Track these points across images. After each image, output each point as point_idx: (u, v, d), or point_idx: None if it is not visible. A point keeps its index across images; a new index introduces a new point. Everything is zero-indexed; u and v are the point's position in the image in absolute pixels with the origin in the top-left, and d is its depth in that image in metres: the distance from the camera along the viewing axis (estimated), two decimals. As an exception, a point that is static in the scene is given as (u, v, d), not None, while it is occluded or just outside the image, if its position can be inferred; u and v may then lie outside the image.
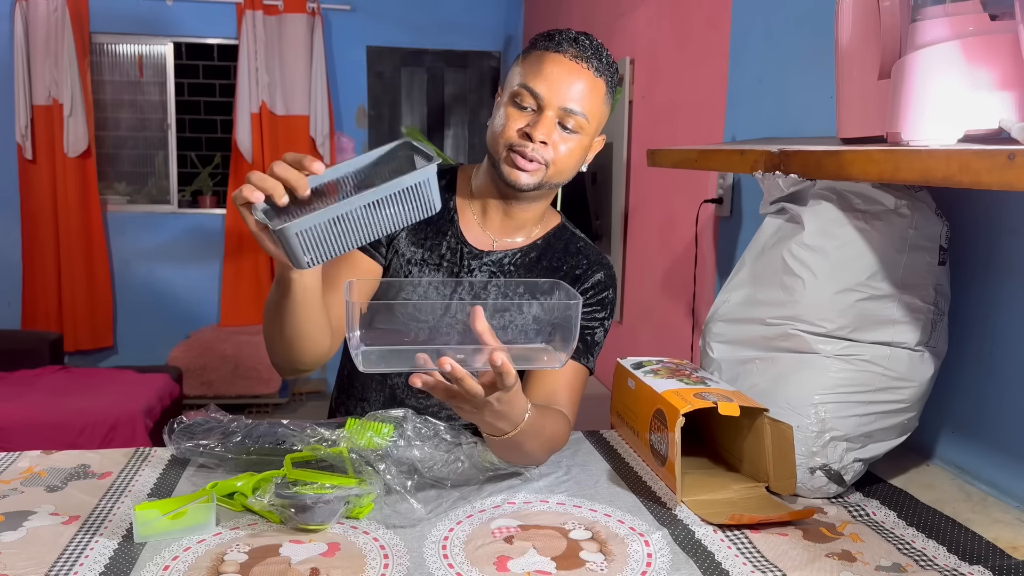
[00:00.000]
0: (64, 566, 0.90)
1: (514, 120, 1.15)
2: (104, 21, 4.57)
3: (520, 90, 1.14)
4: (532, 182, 1.16)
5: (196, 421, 1.24)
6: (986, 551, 0.98)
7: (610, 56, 1.18)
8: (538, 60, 1.15)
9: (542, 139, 1.13)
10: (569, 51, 1.14)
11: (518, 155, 1.14)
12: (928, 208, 1.16)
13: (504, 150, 1.16)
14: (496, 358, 0.87)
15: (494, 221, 1.26)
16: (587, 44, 1.16)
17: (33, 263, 4.58)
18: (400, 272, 1.26)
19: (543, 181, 1.17)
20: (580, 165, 1.20)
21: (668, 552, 0.97)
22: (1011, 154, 0.70)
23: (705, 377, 1.24)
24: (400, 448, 1.11)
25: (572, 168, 1.19)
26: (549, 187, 1.19)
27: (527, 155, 1.14)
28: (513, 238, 1.27)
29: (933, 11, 0.93)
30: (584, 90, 1.14)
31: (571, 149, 1.16)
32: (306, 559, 0.92)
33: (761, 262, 1.27)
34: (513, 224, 1.26)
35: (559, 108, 1.13)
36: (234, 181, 4.67)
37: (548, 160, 1.15)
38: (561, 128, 1.15)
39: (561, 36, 1.16)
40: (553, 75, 1.13)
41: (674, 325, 2.53)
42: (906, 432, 1.18)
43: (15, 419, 3.01)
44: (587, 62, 1.14)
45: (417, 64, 4.97)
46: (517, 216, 1.25)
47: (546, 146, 1.14)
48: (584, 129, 1.16)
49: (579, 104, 1.14)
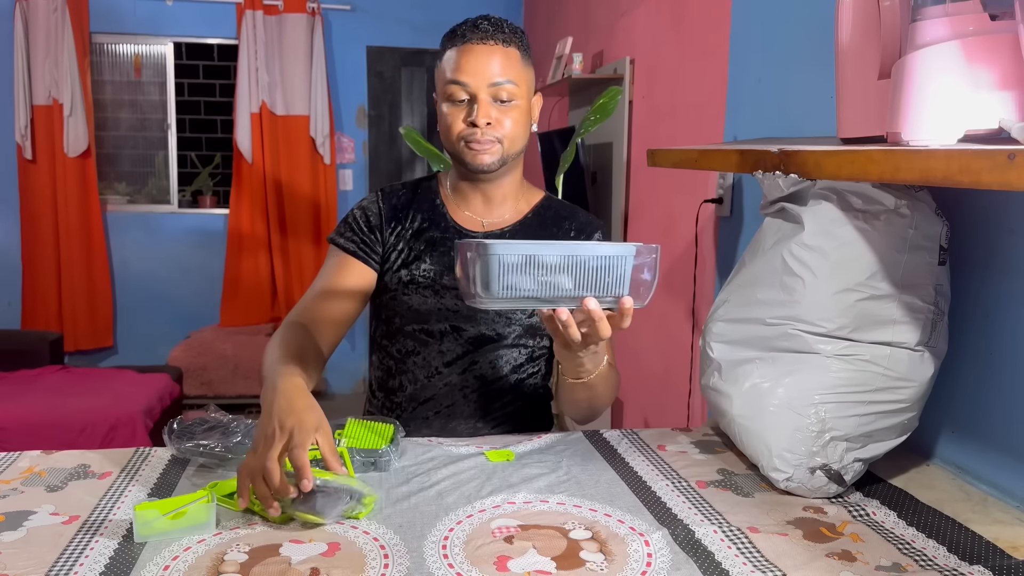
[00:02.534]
0: (64, 566, 0.90)
1: (456, 115, 1.28)
2: (104, 21, 4.57)
3: (449, 87, 1.28)
4: (494, 160, 1.30)
5: (196, 421, 1.24)
6: (986, 551, 0.97)
7: (512, 24, 1.32)
8: (454, 56, 1.28)
9: (486, 121, 1.26)
10: (473, 38, 1.27)
11: (473, 143, 1.28)
12: (928, 208, 1.16)
13: (460, 144, 1.29)
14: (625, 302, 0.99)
15: (476, 205, 1.40)
16: (486, 25, 1.28)
17: (33, 263, 4.58)
18: (400, 267, 1.36)
19: (504, 156, 1.31)
20: (529, 128, 1.34)
21: (668, 552, 0.97)
22: (1011, 154, 0.70)
23: None
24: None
25: (523, 134, 1.32)
26: (511, 158, 1.33)
27: (480, 140, 1.27)
28: (501, 215, 1.40)
29: (933, 11, 0.93)
30: (501, 62, 1.27)
31: (514, 119, 1.29)
32: (306, 559, 0.92)
33: (761, 262, 1.27)
34: (494, 203, 1.39)
35: (487, 87, 1.26)
36: (234, 181, 4.68)
37: (499, 136, 1.29)
38: (499, 103, 1.28)
39: (463, 28, 1.29)
40: (470, 63, 1.26)
41: (674, 325, 2.53)
42: (906, 432, 1.18)
43: (15, 419, 3.01)
44: (492, 39, 1.27)
45: (417, 64, 4.97)
46: (495, 194, 1.38)
47: (491, 126, 1.27)
48: (517, 95, 1.29)
49: (502, 75, 1.27)
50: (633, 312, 1.01)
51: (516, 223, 1.40)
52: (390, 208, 1.40)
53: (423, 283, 1.35)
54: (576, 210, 1.46)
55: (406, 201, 1.41)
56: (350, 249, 1.37)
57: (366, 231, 1.38)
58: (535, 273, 0.95)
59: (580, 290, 0.97)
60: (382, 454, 1.18)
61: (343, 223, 1.41)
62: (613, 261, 0.97)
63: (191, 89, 5.07)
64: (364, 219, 1.39)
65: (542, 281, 0.95)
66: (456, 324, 1.36)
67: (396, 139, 5.09)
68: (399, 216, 1.39)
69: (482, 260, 0.94)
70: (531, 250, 0.94)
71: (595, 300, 0.98)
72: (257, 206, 4.71)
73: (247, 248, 4.75)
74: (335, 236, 1.40)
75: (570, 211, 1.45)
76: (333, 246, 1.40)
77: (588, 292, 0.98)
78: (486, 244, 0.92)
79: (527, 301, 0.98)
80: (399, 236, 1.38)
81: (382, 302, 1.40)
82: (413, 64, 4.97)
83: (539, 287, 0.95)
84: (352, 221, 1.40)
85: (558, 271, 0.95)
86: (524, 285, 0.95)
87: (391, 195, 1.42)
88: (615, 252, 0.97)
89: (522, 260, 0.93)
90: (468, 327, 1.36)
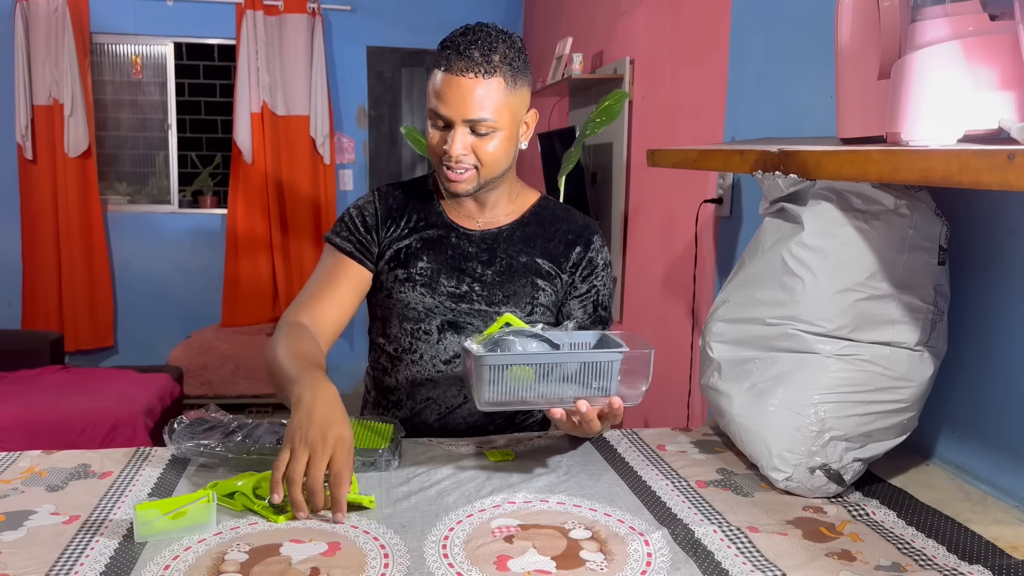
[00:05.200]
0: (64, 566, 0.90)
1: (436, 138, 1.28)
2: (104, 21, 4.56)
3: (431, 113, 1.27)
4: (469, 188, 1.30)
5: (196, 421, 1.24)
6: (986, 551, 0.98)
7: (507, 40, 1.27)
8: (436, 80, 1.26)
9: (461, 152, 1.25)
10: (456, 67, 1.23)
11: (448, 169, 1.28)
12: (928, 208, 1.16)
13: (440, 165, 1.30)
14: (615, 402, 1.08)
15: (470, 208, 1.40)
16: (473, 51, 1.23)
17: (33, 263, 4.58)
18: (397, 266, 1.36)
19: (480, 182, 1.30)
20: (512, 151, 1.32)
21: (668, 551, 0.97)
22: (1011, 154, 0.70)
23: None
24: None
25: (504, 158, 1.30)
26: (491, 181, 1.31)
27: (454, 168, 1.27)
28: (495, 216, 1.40)
29: (933, 11, 0.93)
30: (479, 98, 1.23)
31: (494, 146, 1.27)
32: (306, 559, 0.92)
33: (761, 262, 1.27)
34: (487, 206, 1.39)
35: (462, 121, 1.24)
36: (234, 181, 4.68)
37: (475, 164, 1.28)
38: (475, 135, 1.26)
39: (450, 51, 1.24)
40: (449, 96, 1.24)
41: (674, 325, 2.54)
42: (906, 432, 1.18)
43: (15, 419, 3.00)
44: (475, 71, 1.23)
45: (417, 64, 4.98)
46: (486, 199, 1.39)
47: (468, 155, 1.26)
48: (497, 126, 1.26)
49: (479, 112, 1.24)
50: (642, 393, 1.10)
51: (512, 223, 1.40)
52: (386, 208, 1.40)
53: (420, 281, 1.35)
54: (573, 213, 1.45)
55: (403, 200, 1.41)
56: (346, 249, 1.37)
57: (362, 231, 1.38)
58: (526, 379, 1.05)
59: (570, 392, 1.07)
60: (382, 454, 1.18)
61: (339, 222, 1.41)
62: (601, 366, 1.07)
63: (191, 89, 5.07)
64: (360, 219, 1.39)
65: (533, 387, 1.05)
66: (454, 322, 1.36)
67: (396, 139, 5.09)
68: (395, 215, 1.39)
69: (475, 368, 1.03)
70: (520, 360, 1.04)
71: (586, 403, 1.06)
72: (257, 206, 4.70)
73: (247, 248, 4.75)
74: (332, 236, 1.40)
75: (566, 213, 1.44)
76: (329, 245, 1.40)
77: (578, 393, 1.07)
78: (481, 356, 1.02)
79: (523, 403, 1.08)
80: (396, 235, 1.38)
81: (379, 301, 1.40)
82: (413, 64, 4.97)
83: (530, 391, 1.05)
84: (348, 221, 1.40)
85: (549, 377, 1.05)
86: (519, 389, 1.05)
87: (387, 194, 1.42)
88: (602, 358, 1.06)
89: (507, 368, 1.03)
90: (466, 325, 1.36)
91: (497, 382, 1.04)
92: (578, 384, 1.07)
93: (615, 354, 1.07)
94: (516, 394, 1.05)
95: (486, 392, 1.04)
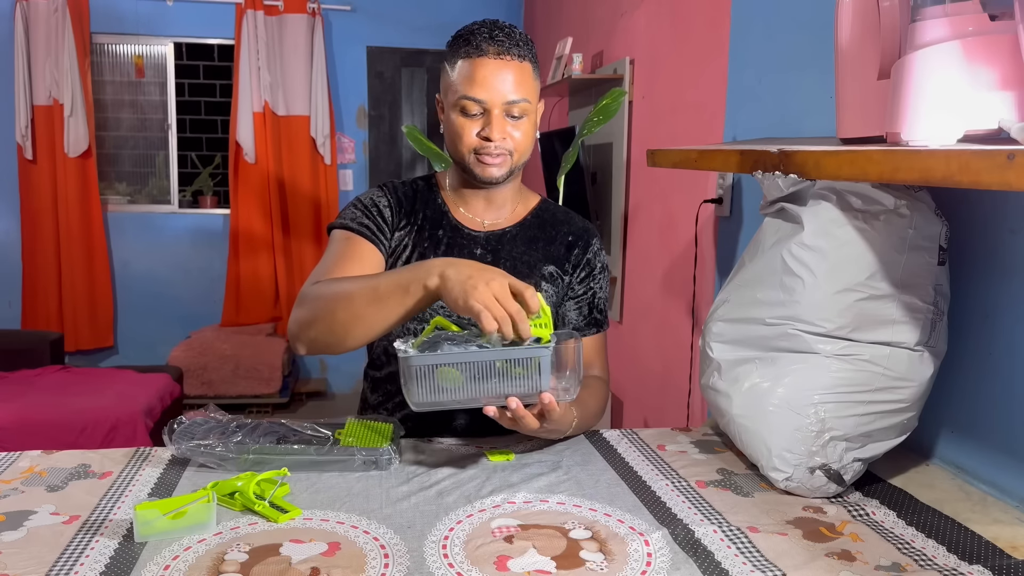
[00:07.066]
0: (64, 566, 0.90)
1: (468, 128, 1.27)
2: (104, 21, 4.57)
3: (463, 101, 1.26)
4: (503, 173, 1.31)
5: (196, 421, 1.24)
6: (986, 551, 0.98)
7: (523, 34, 1.30)
8: (468, 68, 1.26)
9: (500, 137, 1.27)
10: (490, 51, 1.25)
11: (484, 155, 1.28)
12: (928, 208, 1.16)
13: (470, 155, 1.29)
14: (544, 397, 1.06)
15: (478, 208, 1.40)
16: (502, 37, 1.26)
17: (33, 263, 4.58)
18: (405, 263, 1.34)
19: (512, 167, 1.32)
20: (535, 136, 1.35)
21: (668, 551, 0.97)
22: (1011, 154, 0.70)
23: None
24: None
25: (530, 145, 1.33)
26: (519, 168, 1.35)
27: (492, 153, 1.28)
28: (500, 216, 1.41)
29: (933, 11, 0.93)
30: (516, 79, 1.26)
31: (524, 131, 1.30)
32: (306, 558, 0.92)
33: (761, 262, 1.27)
34: (495, 205, 1.40)
35: (502, 104, 1.25)
36: (235, 181, 4.68)
37: (510, 149, 1.29)
38: (511, 118, 1.27)
39: (479, 39, 1.26)
40: (487, 79, 1.24)
41: (674, 325, 2.54)
42: (905, 432, 1.18)
43: (15, 419, 3.00)
44: (509, 54, 1.25)
45: (417, 64, 4.97)
46: (496, 198, 1.39)
47: (505, 139, 1.28)
48: (529, 110, 1.29)
49: (517, 93, 1.26)
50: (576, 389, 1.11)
51: (515, 225, 1.40)
52: (398, 201, 1.37)
53: None
54: (572, 216, 1.46)
55: (411, 197, 1.39)
56: (365, 234, 1.32)
57: (379, 219, 1.34)
58: (455, 379, 1.04)
59: (500, 390, 1.05)
60: (383, 453, 1.18)
61: (350, 210, 1.36)
62: (528, 363, 1.04)
63: (191, 89, 5.07)
64: (375, 207, 1.35)
65: (464, 387, 1.04)
66: (456, 322, 1.35)
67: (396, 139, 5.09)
68: (405, 211, 1.37)
69: (404, 368, 1.04)
70: (442, 360, 1.03)
71: (516, 400, 1.06)
72: (258, 206, 4.71)
73: (248, 248, 4.75)
74: (345, 221, 1.34)
75: (566, 216, 1.45)
76: (341, 231, 1.33)
77: (507, 391, 1.06)
78: (407, 357, 1.03)
79: (456, 403, 1.07)
80: (407, 231, 1.36)
81: None
82: (413, 64, 4.97)
83: (461, 391, 1.05)
84: (362, 208, 1.35)
85: (474, 376, 1.04)
86: (449, 389, 1.04)
87: (395, 190, 1.39)
88: (526, 355, 1.04)
89: (435, 368, 1.03)
90: (469, 326, 1.35)
91: (426, 382, 1.04)
92: (508, 382, 1.05)
93: (541, 349, 1.04)
94: (447, 394, 1.05)
95: (416, 393, 1.04)
